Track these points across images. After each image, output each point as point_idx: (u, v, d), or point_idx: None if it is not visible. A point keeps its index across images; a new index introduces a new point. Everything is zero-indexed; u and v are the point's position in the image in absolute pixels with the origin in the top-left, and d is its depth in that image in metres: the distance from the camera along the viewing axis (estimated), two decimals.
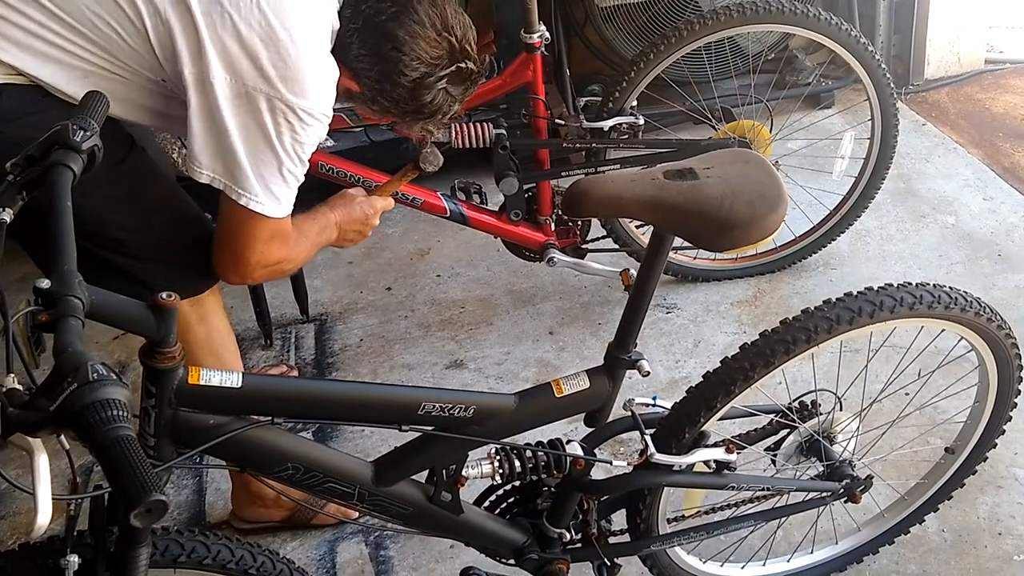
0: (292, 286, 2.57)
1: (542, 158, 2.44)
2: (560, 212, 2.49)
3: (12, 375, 0.90)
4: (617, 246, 2.57)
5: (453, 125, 2.33)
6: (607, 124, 2.38)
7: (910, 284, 1.50)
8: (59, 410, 0.84)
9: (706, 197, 1.33)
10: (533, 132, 2.41)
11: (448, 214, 2.39)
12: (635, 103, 2.41)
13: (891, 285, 1.50)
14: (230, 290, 2.18)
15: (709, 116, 2.56)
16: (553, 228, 2.49)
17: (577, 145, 2.43)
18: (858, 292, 1.49)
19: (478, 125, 2.34)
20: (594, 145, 2.42)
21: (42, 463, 0.90)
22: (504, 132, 2.34)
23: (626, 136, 2.41)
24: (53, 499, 0.89)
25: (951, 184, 3.03)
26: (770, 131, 2.55)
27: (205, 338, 1.76)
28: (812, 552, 1.90)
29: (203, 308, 1.74)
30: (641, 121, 2.39)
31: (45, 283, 0.94)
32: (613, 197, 1.37)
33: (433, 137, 2.03)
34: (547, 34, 2.28)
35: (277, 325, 2.69)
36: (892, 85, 2.43)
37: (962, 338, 1.61)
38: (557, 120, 2.41)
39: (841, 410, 1.67)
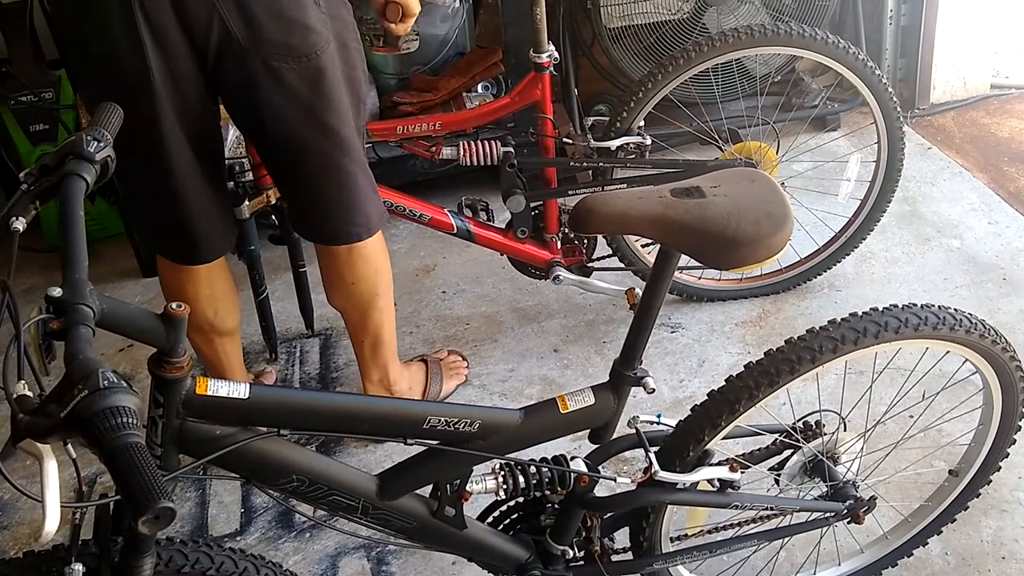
0: (298, 300, 2.58)
1: (549, 176, 2.45)
2: (566, 230, 2.50)
3: (23, 382, 0.90)
4: (623, 265, 2.58)
5: (461, 142, 2.35)
6: (614, 144, 2.39)
7: (915, 305, 1.51)
8: (69, 416, 0.84)
9: (712, 215, 1.34)
10: (541, 151, 2.42)
11: (455, 231, 2.40)
12: (642, 123, 2.42)
13: (896, 306, 1.50)
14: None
15: (716, 137, 2.57)
16: (559, 246, 2.50)
17: (584, 164, 2.44)
18: (863, 313, 1.49)
19: (486, 143, 2.36)
20: (601, 164, 2.43)
21: (51, 470, 0.90)
22: (512, 150, 2.35)
23: (633, 156, 2.42)
24: (60, 507, 0.90)
25: (956, 208, 3.04)
26: (777, 153, 2.56)
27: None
28: (815, 573, 1.89)
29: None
30: (648, 141, 2.40)
31: (57, 291, 0.95)
32: (620, 214, 1.37)
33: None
34: (556, 54, 2.29)
35: (282, 339, 2.70)
36: (899, 109, 2.44)
37: (966, 360, 1.61)
38: (565, 139, 2.42)
39: (845, 431, 1.67)
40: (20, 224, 1.04)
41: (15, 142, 3.10)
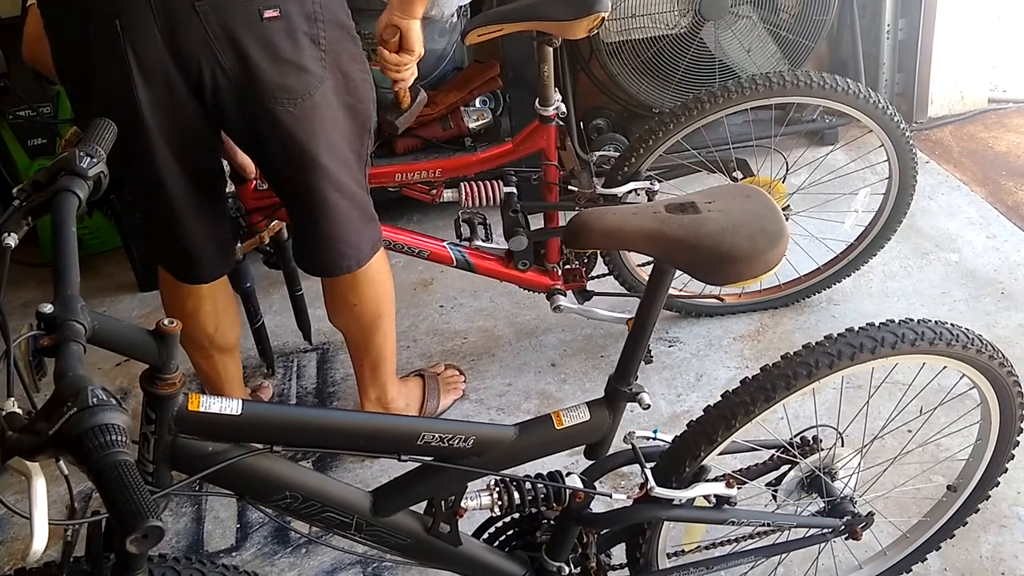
0: (295, 314, 2.57)
1: (553, 214, 2.44)
2: (567, 255, 2.48)
3: (12, 399, 0.90)
4: (623, 288, 2.57)
5: (463, 184, 2.35)
6: (622, 190, 2.35)
7: (912, 320, 1.50)
8: (58, 434, 0.84)
9: (707, 231, 1.33)
10: (545, 193, 2.41)
11: (455, 263, 2.40)
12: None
13: (892, 321, 1.50)
14: None
15: (723, 168, 2.52)
16: (560, 273, 2.49)
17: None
18: (859, 328, 1.49)
19: (488, 184, 2.36)
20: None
21: (39, 488, 0.89)
22: (514, 191, 2.35)
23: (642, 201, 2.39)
24: (50, 524, 0.89)
25: (954, 222, 3.04)
26: (784, 180, 2.53)
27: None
28: None
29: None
30: (656, 187, 2.37)
31: (48, 307, 0.94)
32: (615, 229, 1.37)
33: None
34: (563, 107, 2.28)
35: (280, 353, 2.70)
36: (914, 152, 2.41)
37: (964, 375, 1.61)
38: (570, 187, 2.39)
39: (842, 446, 1.67)
40: (12, 240, 1.04)
41: (13, 156, 3.10)
